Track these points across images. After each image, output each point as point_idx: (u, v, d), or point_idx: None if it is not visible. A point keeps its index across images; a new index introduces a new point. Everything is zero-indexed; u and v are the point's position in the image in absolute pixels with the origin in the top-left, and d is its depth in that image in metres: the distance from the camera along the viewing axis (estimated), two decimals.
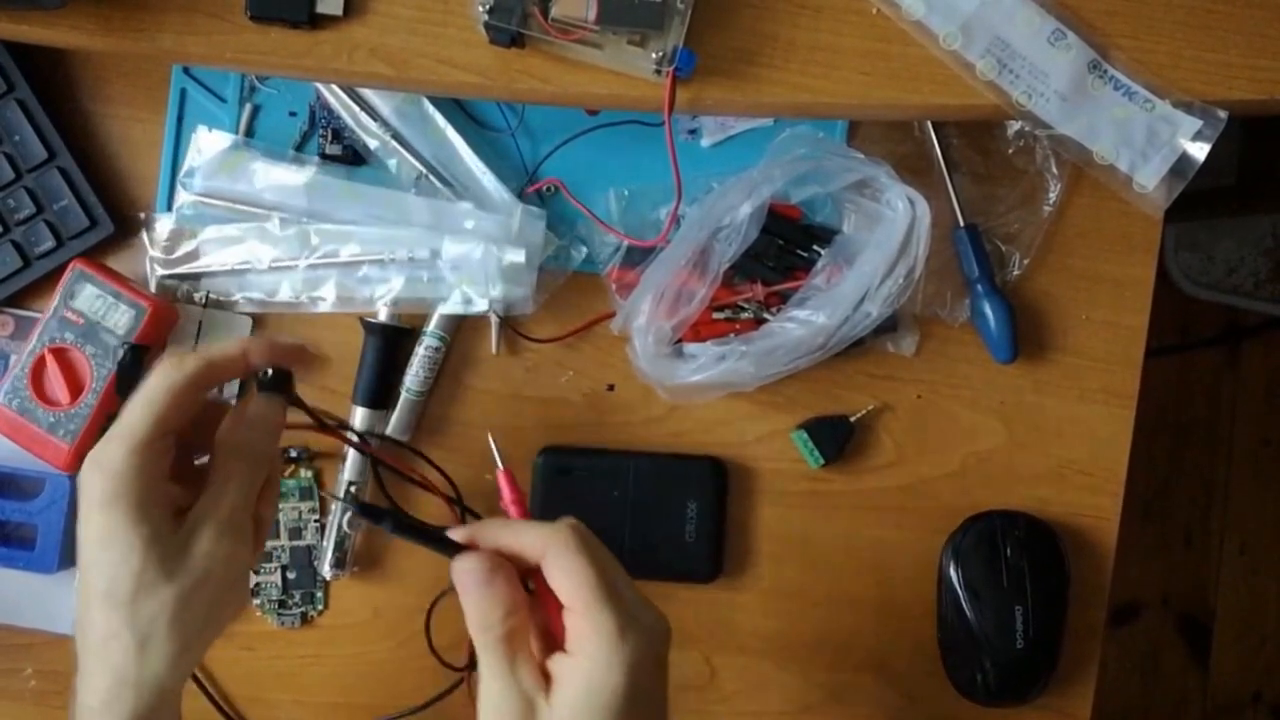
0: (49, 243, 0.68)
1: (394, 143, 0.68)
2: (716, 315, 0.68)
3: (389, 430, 0.70)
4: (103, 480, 0.49)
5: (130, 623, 0.49)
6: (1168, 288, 1.57)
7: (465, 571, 0.49)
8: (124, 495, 0.49)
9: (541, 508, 0.69)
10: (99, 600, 0.49)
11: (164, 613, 0.49)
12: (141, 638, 0.49)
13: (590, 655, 0.48)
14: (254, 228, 0.69)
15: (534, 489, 0.70)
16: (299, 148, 0.69)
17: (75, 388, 0.66)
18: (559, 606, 0.49)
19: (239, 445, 0.52)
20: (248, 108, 0.69)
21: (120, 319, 0.66)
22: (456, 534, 0.51)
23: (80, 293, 0.66)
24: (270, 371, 0.53)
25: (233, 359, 0.52)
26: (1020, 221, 0.70)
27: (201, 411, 0.53)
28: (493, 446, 0.62)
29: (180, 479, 0.52)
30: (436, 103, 0.69)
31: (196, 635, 0.51)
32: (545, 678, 0.48)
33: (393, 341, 0.69)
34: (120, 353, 0.66)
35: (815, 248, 0.68)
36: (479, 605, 0.49)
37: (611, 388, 0.71)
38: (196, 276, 0.70)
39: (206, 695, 0.70)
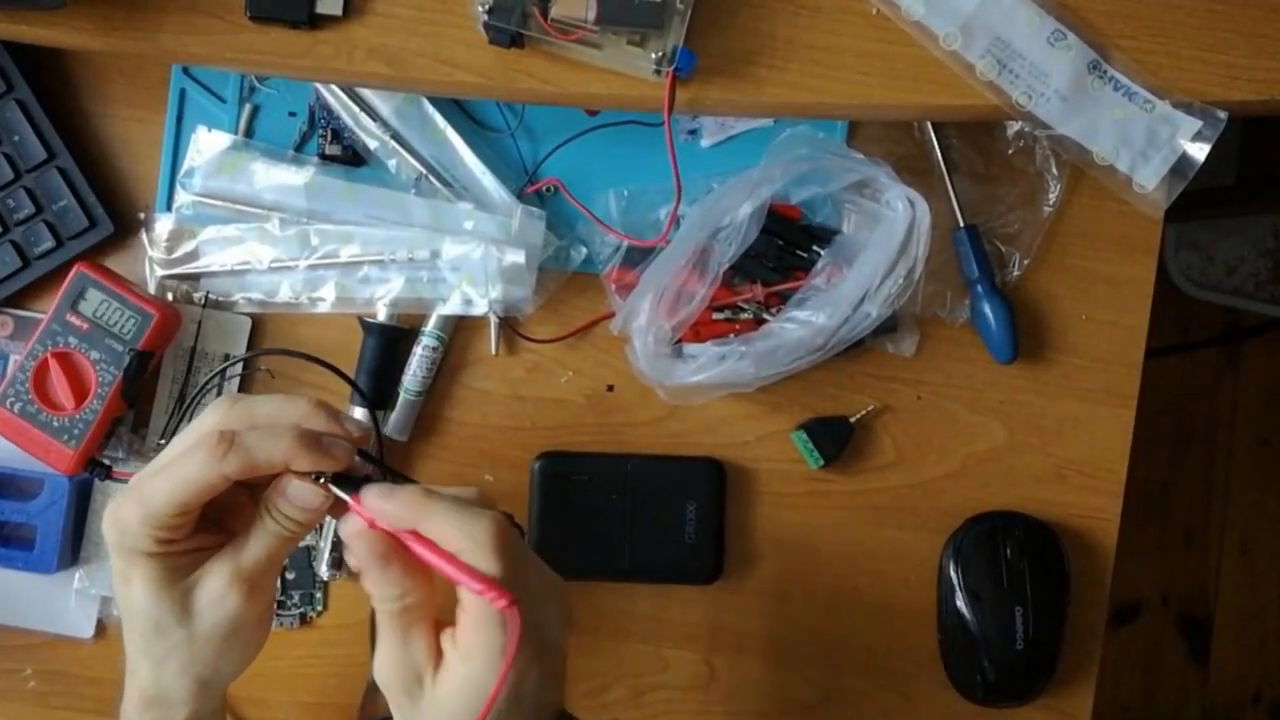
0: (49, 243, 0.68)
1: (394, 143, 0.68)
2: (716, 315, 0.68)
3: (387, 430, 0.69)
4: (118, 536, 0.50)
5: (147, 654, 0.52)
6: (1168, 288, 1.57)
7: (362, 545, 0.49)
8: (137, 550, 0.50)
9: (540, 514, 0.69)
10: (127, 628, 0.52)
11: (176, 652, 0.51)
12: (157, 665, 0.51)
13: (474, 663, 0.47)
14: (254, 228, 0.69)
15: (532, 494, 0.70)
16: (299, 148, 0.69)
17: (80, 392, 0.66)
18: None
19: (274, 509, 0.51)
20: (248, 108, 0.69)
21: (126, 325, 0.66)
22: (379, 498, 0.49)
23: (84, 297, 0.66)
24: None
25: (275, 467, 0.50)
26: (1020, 221, 0.70)
27: None
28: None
29: (211, 513, 0.52)
30: (436, 103, 0.69)
31: (214, 673, 0.52)
32: (438, 650, 0.49)
33: (392, 342, 0.69)
34: (127, 359, 0.65)
35: (815, 248, 0.68)
36: (376, 581, 0.49)
37: (611, 388, 0.71)
38: (196, 277, 0.69)
39: None
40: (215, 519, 0.53)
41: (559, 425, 0.71)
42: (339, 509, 0.51)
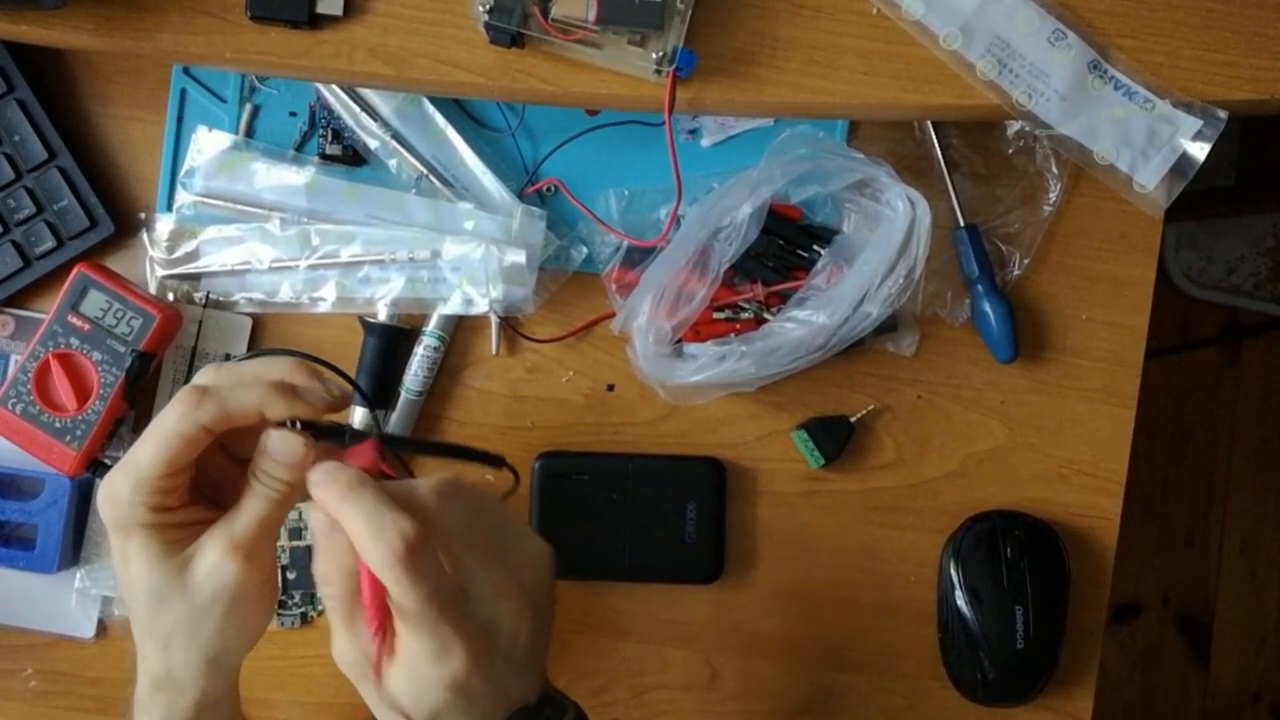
0: (49, 243, 0.68)
1: (394, 143, 0.68)
2: (716, 315, 0.68)
3: (388, 430, 0.69)
4: (112, 510, 0.50)
5: (152, 633, 0.51)
6: (1168, 288, 1.57)
7: (310, 519, 0.49)
8: (132, 522, 0.50)
9: (540, 513, 0.69)
10: (129, 609, 0.52)
11: (180, 627, 0.51)
12: (164, 646, 0.51)
13: (410, 665, 0.47)
14: (254, 228, 0.69)
15: (532, 494, 0.70)
16: (299, 148, 0.69)
17: (82, 394, 0.66)
18: None
19: (260, 471, 0.51)
20: (248, 108, 0.69)
21: (128, 326, 0.66)
22: (321, 472, 0.48)
23: (86, 298, 0.66)
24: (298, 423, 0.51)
25: (249, 416, 0.50)
26: (1020, 221, 0.70)
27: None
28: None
29: (207, 489, 0.53)
30: (436, 103, 0.69)
31: (220, 648, 0.52)
32: (390, 649, 0.48)
33: (392, 341, 0.69)
34: (129, 360, 0.65)
35: (815, 248, 0.68)
36: (320, 560, 0.48)
37: (611, 388, 0.71)
38: (197, 277, 0.70)
39: None
40: (212, 497, 0.53)
41: (559, 425, 0.71)
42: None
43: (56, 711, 0.71)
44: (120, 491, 0.50)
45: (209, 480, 0.53)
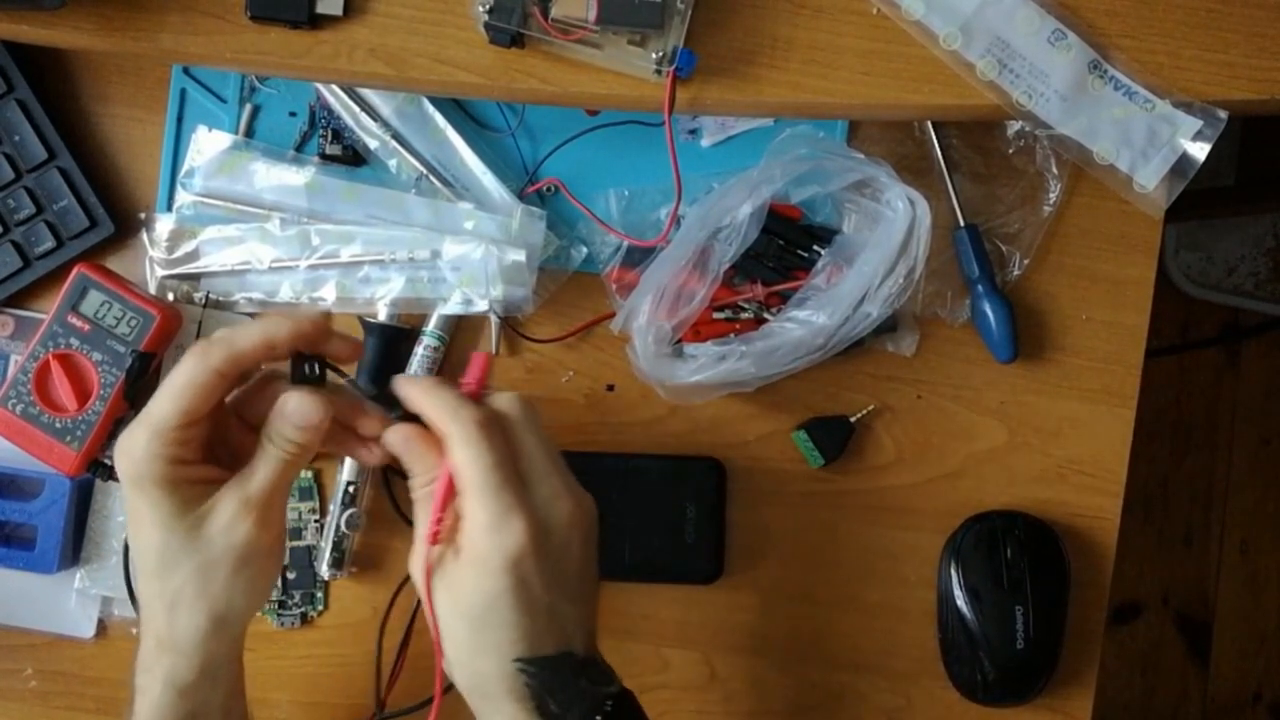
0: (49, 243, 0.68)
1: (394, 143, 0.68)
2: (716, 315, 0.68)
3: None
4: (128, 465, 0.52)
5: (159, 593, 0.52)
6: (1168, 288, 1.57)
7: (386, 441, 0.54)
8: (147, 477, 0.51)
9: None
10: (137, 571, 0.54)
11: (188, 584, 0.52)
12: (170, 606, 0.52)
13: (471, 541, 0.50)
14: (254, 228, 0.69)
15: None
16: (299, 148, 0.69)
17: (82, 394, 0.66)
18: None
19: (274, 433, 0.53)
20: (248, 108, 0.69)
21: (128, 326, 0.66)
22: (398, 386, 0.54)
23: (85, 298, 0.66)
24: (306, 365, 0.54)
25: (257, 348, 0.53)
26: (1020, 221, 0.70)
27: (261, 386, 0.55)
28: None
29: (222, 455, 0.55)
30: (436, 103, 0.69)
31: (227, 606, 0.53)
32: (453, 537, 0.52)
33: (392, 341, 0.69)
34: (129, 360, 0.65)
35: (815, 248, 0.68)
36: (409, 468, 0.53)
37: (611, 388, 0.71)
38: (196, 277, 0.70)
39: None
40: (226, 465, 0.54)
41: (559, 425, 0.71)
42: (351, 446, 0.55)
43: (56, 711, 0.71)
44: (136, 445, 0.51)
45: (224, 447, 0.55)
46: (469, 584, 0.50)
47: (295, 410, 0.52)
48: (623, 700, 0.53)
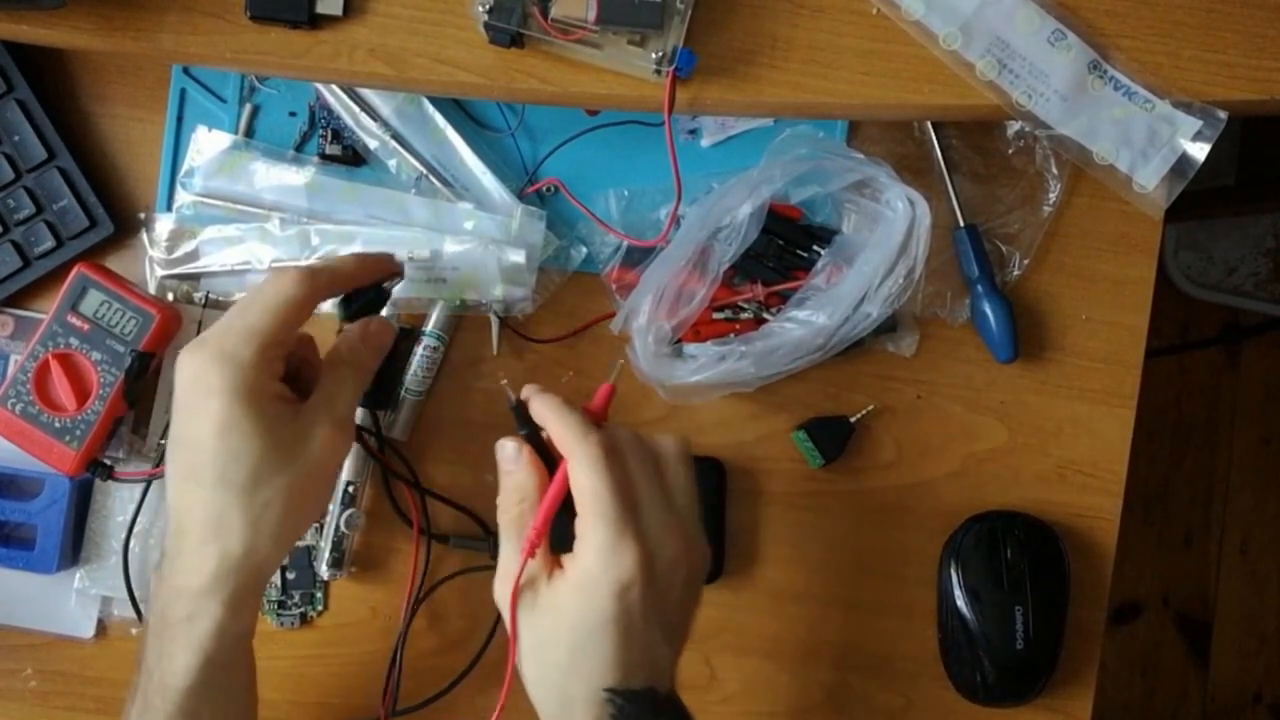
0: (49, 243, 0.68)
1: (394, 143, 0.68)
2: (716, 315, 0.68)
3: (388, 430, 0.69)
4: (229, 370, 0.52)
5: (244, 506, 0.52)
6: (1168, 288, 1.57)
7: (498, 449, 0.55)
8: (248, 386, 0.52)
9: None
10: (211, 485, 0.52)
11: (278, 498, 0.53)
12: (253, 520, 0.52)
13: (582, 562, 0.51)
14: (254, 228, 0.69)
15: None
16: (299, 148, 0.69)
17: (81, 393, 0.65)
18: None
19: (354, 357, 0.58)
20: (248, 108, 0.69)
21: (127, 325, 0.66)
22: (525, 392, 0.56)
23: (85, 298, 0.66)
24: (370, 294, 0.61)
25: (352, 276, 0.58)
26: (1020, 221, 0.70)
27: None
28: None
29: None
30: (436, 103, 0.69)
31: (300, 522, 0.55)
32: (556, 563, 0.52)
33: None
34: (128, 360, 0.65)
35: (815, 248, 0.68)
36: (502, 486, 0.55)
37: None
38: (196, 277, 0.70)
39: None
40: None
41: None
42: None
43: (56, 711, 0.71)
44: (239, 350, 0.52)
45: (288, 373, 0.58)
46: (574, 605, 0.51)
47: (378, 331, 0.59)
48: None
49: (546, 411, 0.54)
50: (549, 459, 0.55)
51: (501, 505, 0.54)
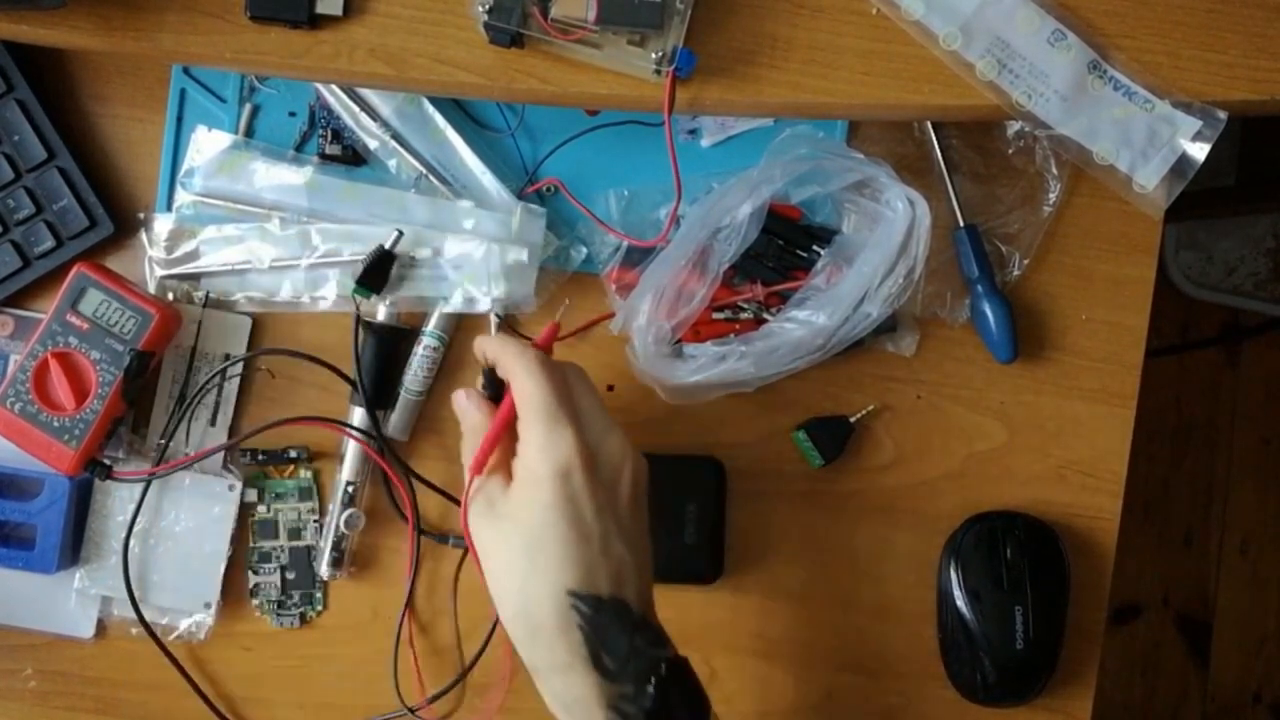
0: (49, 243, 0.68)
1: (394, 143, 0.68)
2: (716, 315, 0.68)
3: (388, 430, 0.69)
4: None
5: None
6: (1168, 288, 1.57)
7: (453, 399, 0.60)
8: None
9: None
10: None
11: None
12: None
13: (524, 459, 0.53)
14: (254, 227, 0.69)
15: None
16: (299, 148, 0.69)
17: (80, 393, 0.65)
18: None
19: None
20: (247, 108, 0.69)
21: (127, 325, 0.66)
22: (476, 341, 0.61)
23: (85, 297, 0.66)
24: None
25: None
26: (1020, 221, 0.70)
27: None
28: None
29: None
30: (436, 103, 0.69)
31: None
32: (509, 476, 0.55)
33: (392, 341, 0.69)
34: (127, 359, 0.65)
35: (815, 248, 0.68)
36: (463, 434, 0.59)
37: (611, 388, 0.71)
38: (196, 276, 0.69)
39: (201, 696, 0.70)
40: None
41: None
42: None
43: (56, 711, 0.71)
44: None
45: None
46: (523, 503, 0.52)
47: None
48: (677, 667, 0.53)
49: (491, 344, 0.58)
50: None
51: (463, 451, 0.57)
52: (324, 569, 0.69)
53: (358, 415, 0.69)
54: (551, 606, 0.51)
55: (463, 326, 0.71)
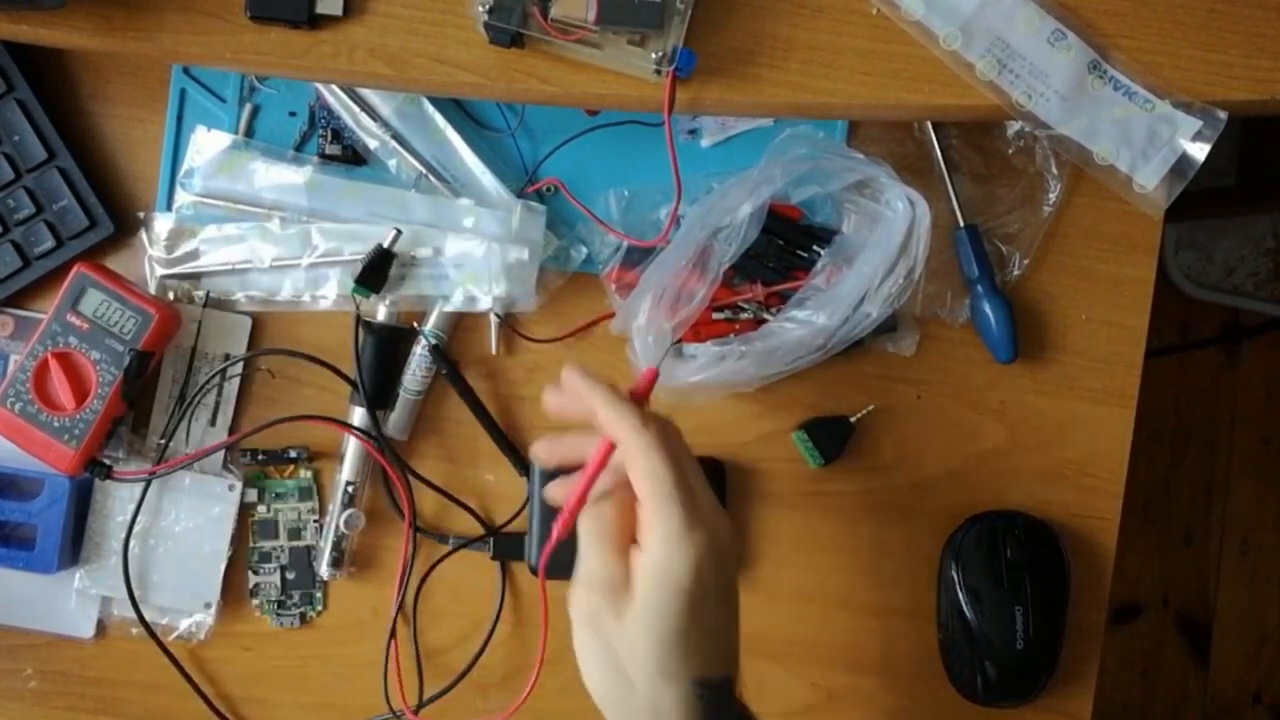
0: (49, 243, 0.68)
1: (394, 143, 0.68)
2: (716, 315, 0.68)
3: (387, 430, 0.70)
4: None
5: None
6: (1168, 288, 1.57)
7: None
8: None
9: (540, 515, 0.69)
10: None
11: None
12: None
13: (655, 553, 0.49)
14: (254, 227, 0.69)
15: (532, 495, 0.70)
16: (299, 148, 0.69)
17: (80, 392, 0.66)
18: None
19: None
20: (247, 108, 0.69)
21: (126, 325, 0.66)
22: (551, 399, 0.56)
23: (85, 297, 0.66)
24: None
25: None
26: (1020, 221, 0.70)
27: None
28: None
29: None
30: (436, 103, 0.69)
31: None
32: (627, 570, 0.51)
33: (392, 341, 0.69)
34: (127, 359, 0.65)
35: (815, 248, 0.68)
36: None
37: None
38: (196, 276, 0.70)
39: (201, 696, 0.70)
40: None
41: (559, 426, 0.71)
42: None
43: (56, 711, 0.71)
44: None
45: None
46: (655, 599, 0.49)
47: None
48: None
49: (596, 399, 0.53)
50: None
51: (586, 509, 0.53)
52: (324, 569, 0.70)
53: (358, 415, 0.69)
54: (678, 696, 0.50)
55: (462, 326, 0.71)
